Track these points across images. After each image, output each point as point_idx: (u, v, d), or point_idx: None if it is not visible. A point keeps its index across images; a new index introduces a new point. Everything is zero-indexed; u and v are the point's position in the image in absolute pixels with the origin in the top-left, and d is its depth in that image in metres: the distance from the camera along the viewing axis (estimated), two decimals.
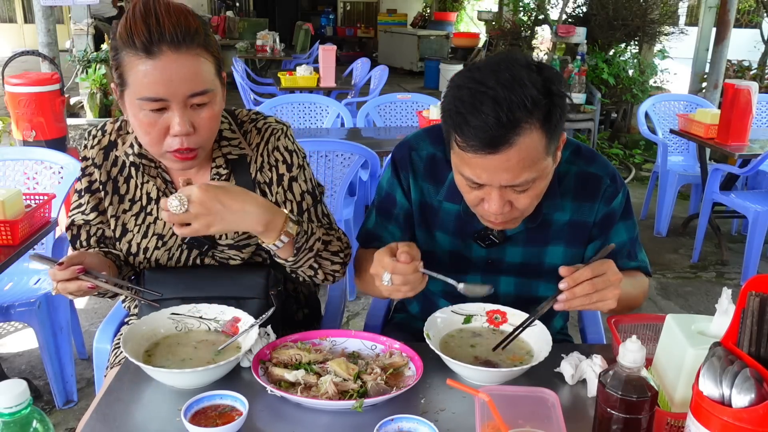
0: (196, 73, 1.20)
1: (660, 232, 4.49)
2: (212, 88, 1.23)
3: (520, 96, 1.10)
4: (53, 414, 2.40)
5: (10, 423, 0.79)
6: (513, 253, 1.41)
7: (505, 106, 1.09)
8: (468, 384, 1.09)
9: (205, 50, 1.21)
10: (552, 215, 1.37)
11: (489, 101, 1.09)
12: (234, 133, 1.39)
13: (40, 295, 2.29)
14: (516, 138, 1.11)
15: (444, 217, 1.42)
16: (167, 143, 1.23)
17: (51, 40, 4.44)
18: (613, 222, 1.40)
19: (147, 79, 1.17)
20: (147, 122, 1.21)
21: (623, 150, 6.65)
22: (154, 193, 1.39)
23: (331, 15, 16.33)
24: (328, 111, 4.21)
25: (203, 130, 1.24)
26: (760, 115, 4.61)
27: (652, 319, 1.26)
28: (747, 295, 0.86)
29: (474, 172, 1.16)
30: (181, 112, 1.20)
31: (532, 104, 1.10)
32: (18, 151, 2.66)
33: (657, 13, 6.73)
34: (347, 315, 3.24)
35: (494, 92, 1.10)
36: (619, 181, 1.39)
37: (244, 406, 1.05)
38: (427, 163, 1.41)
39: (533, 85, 1.11)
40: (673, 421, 0.99)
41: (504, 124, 1.09)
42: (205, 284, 1.37)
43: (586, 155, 1.39)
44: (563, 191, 1.36)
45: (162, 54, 1.16)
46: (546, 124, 1.14)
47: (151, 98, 1.18)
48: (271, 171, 1.40)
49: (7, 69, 3.91)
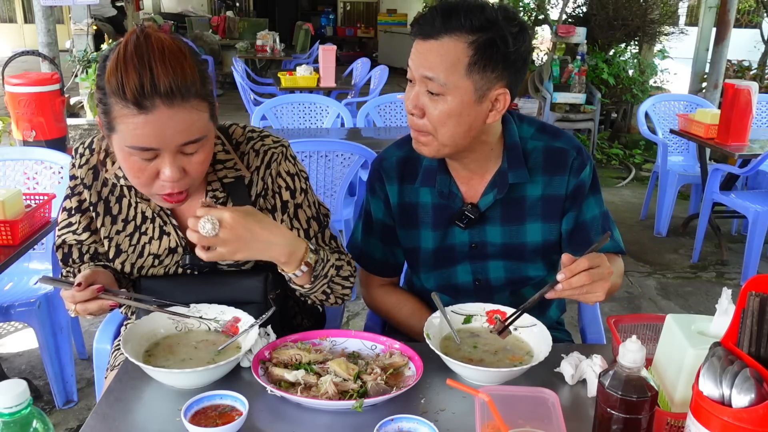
0: (190, 125, 1.13)
1: (660, 232, 4.49)
2: (205, 134, 1.17)
3: (467, 12, 1.24)
4: (53, 414, 2.40)
5: (10, 423, 0.79)
6: (493, 233, 1.45)
7: (449, 12, 1.25)
8: (468, 384, 1.09)
9: (200, 100, 1.13)
10: (524, 191, 1.42)
11: (441, 4, 1.26)
12: (228, 154, 1.33)
13: (40, 295, 2.29)
14: (443, 36, 1.25)
15: (422, 213, 1.48)
16: (157, 186, 1.18)
17: (51, 40, 4.44)
18: (583, 194, 1.45)
19: (138, 131, 1.09)
20: (137, 168, 1.15)
21: (623, 150, 6.65)
22: (149, 213, 1.34)
23: (331, 15, 16.32)
24: (328, 111, 4.21)
25: (194, 173, 1.19)
26: (760, 115, 4.61)
27: (652, 319, 1.26)
28: (747, 295, 0.86)
29: (411, 58, 1.30)
30: (171, 159, 1.14)
31: (469, 22, 1.24)
32: (18, 151, 2.66)
33: (657, 13, 6.73)
34: (347, 315, 3.24)
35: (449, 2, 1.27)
36: (585, 154, 1.44)
37: (244, 406, 1.05)
38: (398, 165, 1.49)
39: (481, 10, 1.25)
40: (673, 421, 0.99)
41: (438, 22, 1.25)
42: (202, 290, 1.35)
43: (551, 131, 1.45)
44: (532, 167, 1.41)
45: (155, 108, 1.08)
46: (476, 44, 1.24)
47: (142, 148, 1.12)
48: (274, 198, 1.37)
49: (7, 69, 3.92)
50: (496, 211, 1.44)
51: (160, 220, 1.35)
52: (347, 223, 3.24)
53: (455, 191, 1.44)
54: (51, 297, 2.32)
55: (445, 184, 1.44)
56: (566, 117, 6.19)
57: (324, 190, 3.13)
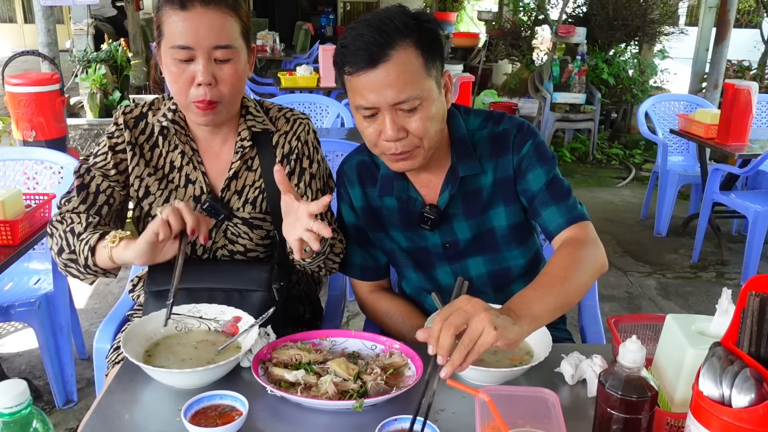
0: (221, 28, 1.31)
1: (660, 232, 4.49)
2: (236, 45, 1.33)
3: (391, 19, 1.25)
4: (53, 414, 2.40)
5: (10, 423, 0.79)
6: (461, 228, 1.45)
7: (379, 27, 1.24)
8: (468, 384, 1.09)
9: (232, 11, 1.33)
10: (479, 181, 1.43)
11: (364, 28, 1.25)
12: (259, 113, 1.48)
13: (40, 295, 2.29)
14: (391, 52, 1.23)
15: (388, 215, 1.49)
16: (192, 93, 1.32)
17: (51, 40, 4.44)
18: (525, 166, 1.40)
19: (177, 28, 1.29)
20: (175, 71, 1.32)
21: (623, 150, 6.65)
22: (178, 162, 1.45)
23: (331, 15, 16.31)
24: (328, 111, 4.21)
25: (224, 85, 1.33)
26: (760, 115, 4.61)
27: (652, 319, 1.26)
28: (747, 295, 0.86)
29: (363, 96, 1.27)
30: (205, 62, 1.30)
31: (403, 25, 1.25)
32: (18, 151, 2.65)
33: (657, 13, 6.73)
34: (347, 315, 3.24)
35: (368, 21, 1.26)
36: (527, 129, 1.42)
37: (244, 406, 1.05)
38: (357, 169, 1.51)
39: (402, 14, 1.27)
40: (673, 421, 0.99)
41: (378, 42, 1.23)
42: (210, 276, 1.40)
43: (495, 117, 1.45)
44: (481, 156, 1.42)
45: (193, 8, 1.29)
46: (419, 43, 1.26)
47: (179, 46, 1.29)
48: (295, 163, 1.49)
49: (7, 69, 3.91)
50: (458, 206, 1.44)
51: (189, 167, 1.45)
52: None
53: (414, 195, 1.44)
54: (51, 297, 2.32)
55: (403, 190, 1.44)
56: (566, 117, 6.20)
57: None
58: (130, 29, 7.57)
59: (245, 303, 1.35)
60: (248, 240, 1.47)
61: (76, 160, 2.51)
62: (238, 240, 1.47)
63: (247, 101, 1.48)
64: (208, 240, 1.40)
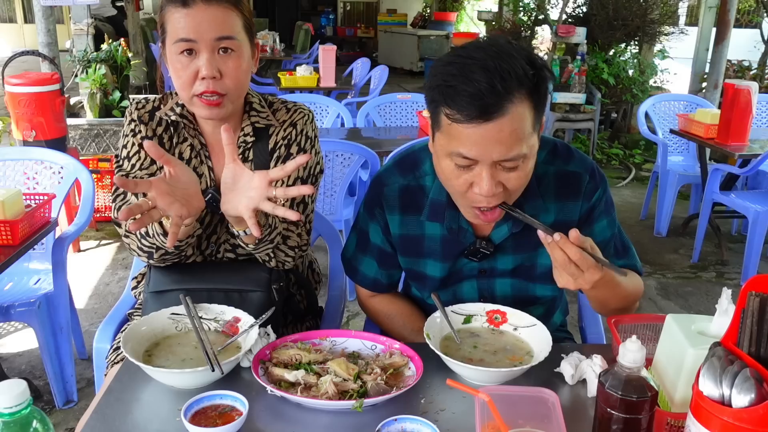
0: (223, 21, 1.32)
1: (660, 232, 4.49)
2: (238, 38, 1.34)
3: (510, 65, 1.10)
4: (53, 414, 2.40)
5: (10, 423, 0.79)
6: (504, 260, 1.41)
7: (498, 75, 1.09)
8: (468, 384, 1.09)
9: (234, 7, 1.34)
10: (536, 218, 1.33)
11: (480, 71, 1.10)
12: (263, 108, 1.49)
13: (40, 295, 2.29)
14: (509, 106, 1.10)
15: (429, 244, 1.41)
16: (196, 87, 1.33)
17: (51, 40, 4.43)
18: (594, 216, 1.38)
19: (180, 24, 1.31)
20: (180, 66, 1.33)
21: (623, 150, 6.65)
22: (187, 154, 1.46)
23: (331, 15, 16.32)
24: (328, 111, 4.21)
25: (228, 78, 1.33)
26: (760, 115, 4.61)
27: (652, 319, 1.26)
28: (747, 295, 0.86)
29: (465, 147, 1.14)
30: (208, 55, 1.31)
31: (523, 74, 1.11)
32: (18, 151, 2.66)
33: (657, 13, 6.73)
34: (347, 315, 3.24)
35: (484, 63, 1.10)
36: (598, 176, 1.38)
37: (244, 406, 1.04)
38: (400, 194, 1.40)
39: (520, 56, 1.13)
40: (673, 421, 0.99)
41: (497, 91, 1.09)
42: (209, 277, 1.40)
43: (563, 153, 1.37)
44: (544, 192, 1.35)
45: (195, 5, 1.31)
46: (534, 95, 1.14)
47: (182, 39, 1.31)
48: (286, 150, 1.48)
49: (7, 69, 3.91)
50: (509, 242, 1.37)
51: (196, 160, 1.46)
52: (347, 223, 3.23)
53: (465, 226, 1.35)
54: (51, 297, 2.32)
55: (454, 220, 1.35)
56: (566, 117, 6.19)
57: (324, 189, 3.13)
58: (130, 29, 7.57)
59: (245, 303, 1.35)
60: (248, 259, 1.46)
61: (76, 160, 2.51)
62: (237, 263, 1.46)
63: (252, 97, 1.48)
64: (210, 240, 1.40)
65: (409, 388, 1.12)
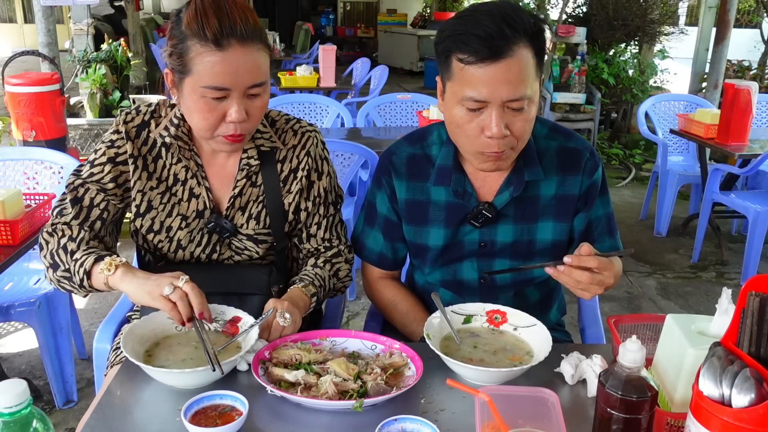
0: (258, 66, 1.27)
1: (660, 232, 4.49)
2: (267, 79, 1.32)
3: (516, 13, 1.23)
4: (53, 414, 2.40)
5: (10, 423, 0.79)
6: (505, 231, 1.45)
7: (505, 21, 1.21)
8: (468, 384, 1.09)
9: (264, 45, 1.30)
10: (539, 189, 1.43)
11: (489, 18, 1.22)
12: (266, 128, 1.46)
13: (40, 295, 2.29)
14: (516, 49, 1.22)
15: (434, 210, 1.47)
16: (222, 129, 1.30)
17: (51, 40, 4.43)
18: (595, 195, 1.47)
19: (215, 69, 1.23)
20: (207, 108, 1.27)
21: (623, 150, 6.65)
22: (182, 175, 1.43)
23: (331, 15, 16.33)
24: (328, 111, 4.21)
25: (254, 119, 1.32)
26: (760, 115, 4.61)
27: (652, 319, 1.26)
28: (747, 295, 0.86)
29: (476, 89, 1.23)
30: (239, 100, 1.27)
31: (527, 22, 1.23)
32: (18, 151, 2.65)
33: (657, 13, 6.73)
34: (347, 315, 3.24)
35: (492, 12, 1.23)
36: (597, 156, 1.48)
37: (244, 406, 1.05)
38: (408, 161, 1.48)
39: (526, 12, 1.25)
40: (673, 421, 0.99)
41: (506, 34, 1.21)
42: (208, 279, 1.38)
43: (564, 132, 1.48)
44: (546, 166, 1.42)
45: (231, 47, 1.23)
46: (536, 42, 1.25)
47: (216, 87, 1.24)
48: (303, 179, 1.48)
49: (7, 69, 3.91)
50: (510, 209, 1.43)
51: (193, 181, 1.43)
52: (347, 222, 3.22)
53: (470, 190, 1.43)
54: (51, 297, 2.32)
55: (460, 183, 1.42)
56: (566, 117, 6.19)
57: None
58: (130, 29, 7.57)
59: (244, 306, 1.34)
60: (254, 252, 1.47)
61: (76, 160, 2.51)
62: (243, 252, 1.47)
63: None
64: None
65: (409, 388, 1.12)
